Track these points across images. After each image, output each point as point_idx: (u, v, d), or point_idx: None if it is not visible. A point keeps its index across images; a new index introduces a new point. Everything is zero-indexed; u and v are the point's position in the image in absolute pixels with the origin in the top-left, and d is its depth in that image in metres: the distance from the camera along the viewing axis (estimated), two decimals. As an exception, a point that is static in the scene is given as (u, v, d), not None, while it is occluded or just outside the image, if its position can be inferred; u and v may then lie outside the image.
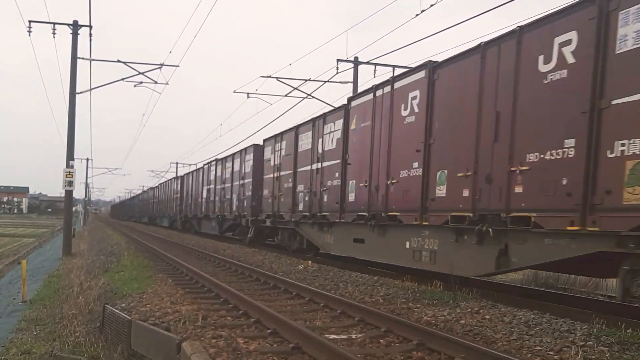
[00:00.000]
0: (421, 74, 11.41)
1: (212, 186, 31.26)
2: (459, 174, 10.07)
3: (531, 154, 8.54)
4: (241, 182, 25.20)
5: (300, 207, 17.63)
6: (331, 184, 15.61)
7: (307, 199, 17.03)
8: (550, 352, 5.88)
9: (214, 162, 31.18)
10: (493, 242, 9.32)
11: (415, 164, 11.40)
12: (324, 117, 16.39)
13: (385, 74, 23.13)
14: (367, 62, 23.07)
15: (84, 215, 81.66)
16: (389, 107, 12.47)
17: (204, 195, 33.15)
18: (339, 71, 22.60)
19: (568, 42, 8.08)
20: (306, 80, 24.07)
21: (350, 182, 14.25)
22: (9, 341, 8.92)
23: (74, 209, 29.93)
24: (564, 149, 8.04)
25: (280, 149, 20.00)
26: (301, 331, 6.31)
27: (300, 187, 17.85)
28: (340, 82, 24.33)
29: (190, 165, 57.20)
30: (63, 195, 23.94)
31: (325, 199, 15.91)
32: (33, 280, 15.92)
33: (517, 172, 8.76)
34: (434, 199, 10.78)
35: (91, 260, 18.29)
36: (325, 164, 16.09)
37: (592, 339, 6.33)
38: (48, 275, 17.24)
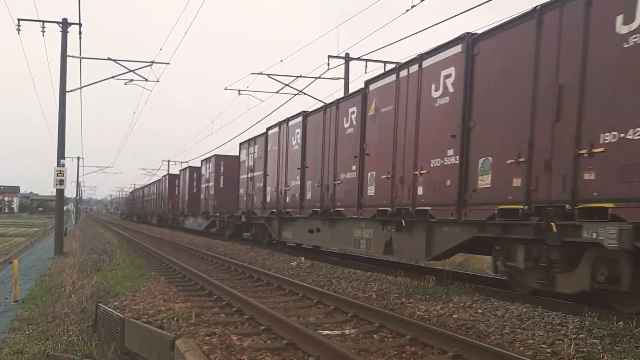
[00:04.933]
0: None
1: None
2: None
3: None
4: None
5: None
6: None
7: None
8: (543, 346, 5.91)
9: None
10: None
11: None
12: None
13: (376, 70, 23.14)
14: (358, 58, 23.06)
15: (76, 214, 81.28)
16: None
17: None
18: (330, 67, 22.62)
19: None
20: (297, 77, 24.10)
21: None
22: (2, 341, 8.88)
23: (65, 208, 29.76)
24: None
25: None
26: (295, 327, 6.32)
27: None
28: (331, 79, 24.43)
29: (182, 162, 57.14)
30: (54, 194, 23.82)
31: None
32: (25, 279, 15.84)
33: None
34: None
35: (83, 259, 18.22)
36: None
37: (584, 332, 6.38)
38: (40, 274, 17.16)
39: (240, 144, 23.92)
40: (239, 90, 25.79)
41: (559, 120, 8.02)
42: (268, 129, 20.23)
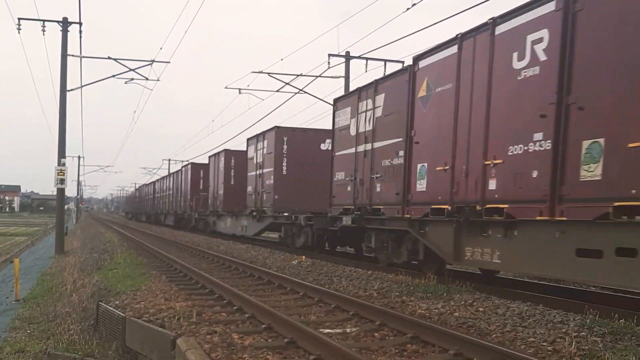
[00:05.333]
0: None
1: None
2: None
3: None
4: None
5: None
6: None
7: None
8: (544, 343, 5.91)
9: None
10: None
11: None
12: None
13: (376, 68, 23.14)
14: (359, 57, 23.05)
15: (76, 213, 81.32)
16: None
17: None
18: (330, 66, 22.59)
19: None
20: (298, 76, 24.05)
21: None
22: (3, 340, 8.89)
23: (66, 207, 29.77)
24: None
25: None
26: (296, 326, 6.32)
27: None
28: (332, 77, 24.37)
29: (182, 161, 56.96)
30: (55, 193, 23.83)
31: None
32: (26, 278, 15.86)
33: None
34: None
35: (84, 258, 18.24)
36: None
37: (586, 330, 6.38)
38: (41, 273, 17.18)
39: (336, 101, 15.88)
40: (240, 89, 25.81)
41: None
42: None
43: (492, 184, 9.26)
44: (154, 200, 54.26)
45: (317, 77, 23.90)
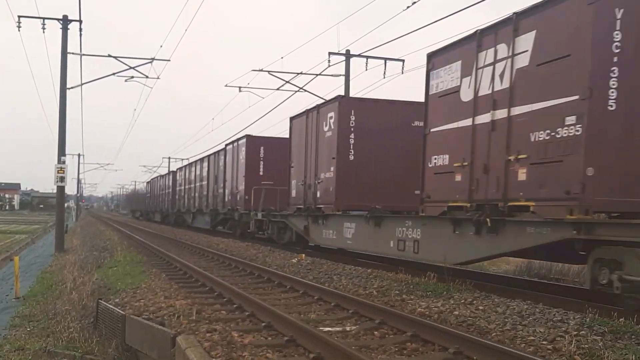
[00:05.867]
0: None
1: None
2: None
3: None
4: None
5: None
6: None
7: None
8: (544, 342, 5.91)
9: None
10: None
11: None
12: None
13: (377, 67, 23.11)
14: (359, 55, 23.02)
15: (76, 211, 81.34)
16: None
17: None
18: (330, 64, 22.57)
19: None
20: (298, 74, 24.02)
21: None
22: (3, 338, 8.89)
23: (66, 205, 29.77)
24: None
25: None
26: (295, 324, 6.31)
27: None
28: (332, 75, 24.32)
29: (182, 160, 56.76)
30: (55, 191, 23.83)
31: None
32: (26, 276, 15.86)
33: None
34: None
35: (84, 256, 18.23)
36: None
37: (585, 329, 6.37)
38: (41, 271, 17.18)
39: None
40: (240, 87, 25.79)
41: None
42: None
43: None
44: (175, 195, 42.40)
45: (317, 75, 23.88)
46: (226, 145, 26.82)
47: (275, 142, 22.98)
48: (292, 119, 18.35)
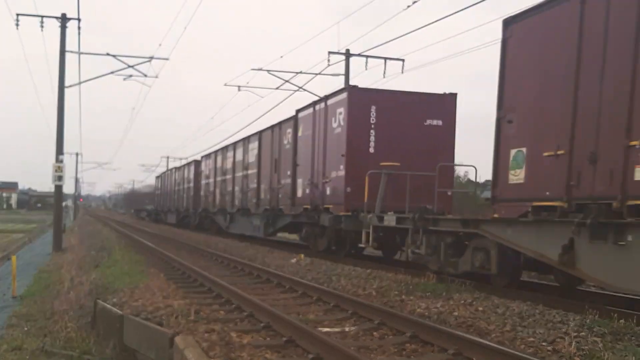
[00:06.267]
0: None
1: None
2: None
3: None
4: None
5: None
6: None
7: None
8: (544, 343, 5.89)
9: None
10: None
11: None
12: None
13: (377, 66, 23.03)
14: (359, 55, 22.99)
15: (74, 211, 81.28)
16: None
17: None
18: (330, 63, 22.52)
19: None
20: (297, 73, 23.96)
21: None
22: (0, 337, 8.85)
23: (64, 204, 29.73)
24: None
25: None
26: (294, 324, 6.29)
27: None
28: (331, 75, 24.24)
29: (181, 159, 56.56)
30: (53, 190, 23.78)
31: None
32: (23, 275, 15.80)
33: None
34: None
35: (82, 255, 18.19)
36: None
37: (585, 330, 6.36)
38: (38, 270, 17.11)
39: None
40: (239, 87, 25.74)
41: None
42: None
43: None
44: (198, 191, 33.14)
45: (317, 74, 23.79)
46: (299, 111, 17.67)
47: (395, 98, 14.97)
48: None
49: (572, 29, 7.90)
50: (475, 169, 21.36)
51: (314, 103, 16.94)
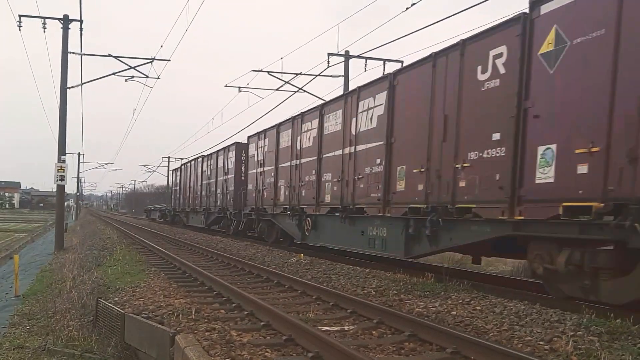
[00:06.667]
0: None
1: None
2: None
3: None
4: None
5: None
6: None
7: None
8: (541, 342, 5.94)
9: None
10: None
11: None
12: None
13: (376, 68, 23.06)
14: (358, 56, 23.04)
15: (76, 210, 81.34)
16: None
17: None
18: (330, 65, 22.58)
19: None
20: (297, 74, 24.03)
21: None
22: (2, 336, 8.92)
23: (65, 203, 29.77)
24: None
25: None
26: (294, 323, 6.34)
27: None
28: (331, 76, 24.34)
29: (181, 159, 56.48)
30: (55, 190, 23.86)
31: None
32: (25, 275, 15.90)
33: None
34: None
35: (84, 254, 18.26)
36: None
37: (582, 329, 6.40)
38: (40, 269, 17.22)
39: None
40: (239, 88, 25.80)
41: None
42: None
43: None
44: (240, 186, 24.37)
45: (316, 76, 23.90)
46: (437, 54, 10.61)
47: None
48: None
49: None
50: None
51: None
